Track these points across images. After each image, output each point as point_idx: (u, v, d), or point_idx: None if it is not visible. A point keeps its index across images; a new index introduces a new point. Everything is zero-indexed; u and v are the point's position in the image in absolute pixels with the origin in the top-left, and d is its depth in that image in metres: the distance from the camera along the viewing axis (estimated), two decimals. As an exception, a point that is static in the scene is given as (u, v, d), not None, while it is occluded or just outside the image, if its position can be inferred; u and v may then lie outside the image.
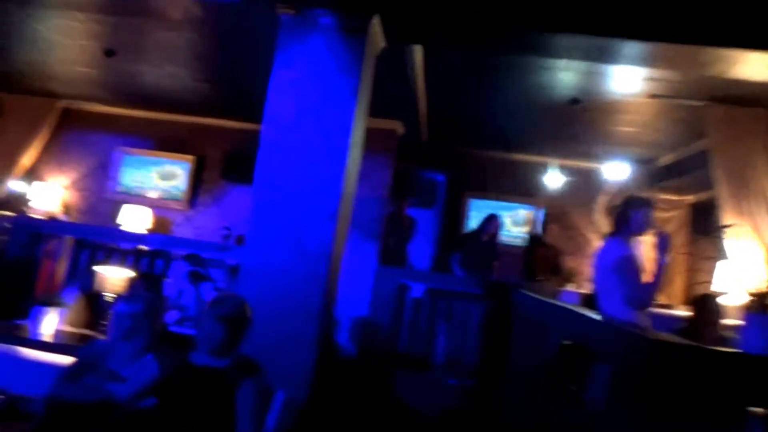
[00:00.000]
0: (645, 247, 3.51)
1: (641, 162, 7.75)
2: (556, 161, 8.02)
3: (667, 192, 7.69)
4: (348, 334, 5.98)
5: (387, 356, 5.86)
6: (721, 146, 4.98)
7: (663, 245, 3.34)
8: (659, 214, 7.63)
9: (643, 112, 5.69)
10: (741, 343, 3.63)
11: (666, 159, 7.35)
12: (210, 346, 2.79)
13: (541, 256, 6.63)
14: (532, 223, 6.75)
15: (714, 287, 5.01)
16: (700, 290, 5.49)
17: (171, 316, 5.11)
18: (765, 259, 4.88)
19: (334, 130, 3.68)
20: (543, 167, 8.15)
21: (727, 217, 4.97)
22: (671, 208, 7.91)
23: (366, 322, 6.04)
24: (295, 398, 3.39)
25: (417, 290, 5.87)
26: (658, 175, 7.56)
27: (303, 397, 3.60)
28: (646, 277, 3.36)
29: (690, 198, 7.79)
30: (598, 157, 7.93)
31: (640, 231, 3.46)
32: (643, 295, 3.30)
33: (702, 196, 7.13)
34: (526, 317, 4.02)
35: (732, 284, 4.96)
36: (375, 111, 6.25)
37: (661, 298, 5.84)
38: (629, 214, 3.49)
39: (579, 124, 6.41)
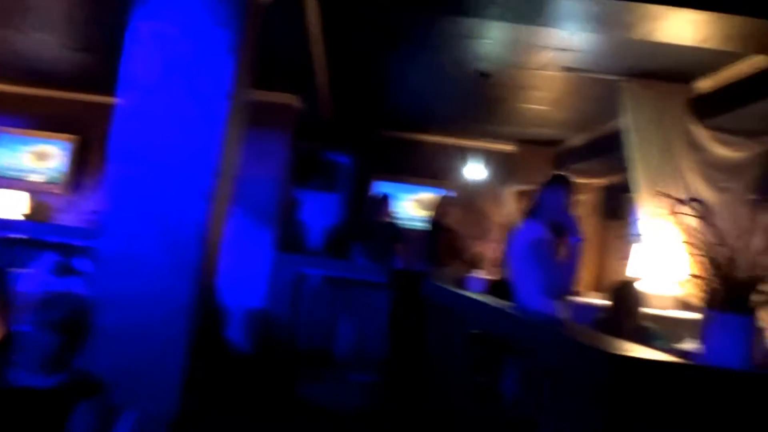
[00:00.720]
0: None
1: (550, 144, 7.58)
2: (467, 142, 7.75)
3: (577, 175, 7.53)
4: (242, 329, 5.41)
5: (287, 351, 5.38)
6: (637, 124, 4.75)
7: (575, 229, 3.03)
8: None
9: (555, 89, 5.41)
10: (704, 348, 3.38)
11: (576, 140, 7.19)
12: (35, 361, 2.20)
13: (445, 241, 6.30)
14: (437, 206, 6.38)
15: (629, 273, 4.83)
16: (613, 277, 5.33)
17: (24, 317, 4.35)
18: (683, 242, 4.71)
19: (208, 94, 3.08)
20: (452, 149, 7.85)
21: (644, 199, 4.76)
22: (581, 191, 7.79)
23: (263, 314, 5.52)
24: (160, 414, 2.86)
25: (316, 279, 5.39)
26: (568, 157, 7.40)
27: (171, 410, 3.02)
28: (562, 262, 3.03)
29: (600, 181, 7.70)
30: (507, 138, 7.72)
31: (557, 213, 3.12)
32: (561, 281, 2.97)
33: (613, 179, 7.02)
34: (437, 308, 3.67)
35: (649, 269, 4.77)
36: (268, 82, 5.74)
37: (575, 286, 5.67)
38: (546, 196, 3.15)
39: (489, 101, 6.08)
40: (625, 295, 3.96)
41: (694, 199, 4.60)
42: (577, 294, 5.28)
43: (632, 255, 4.96)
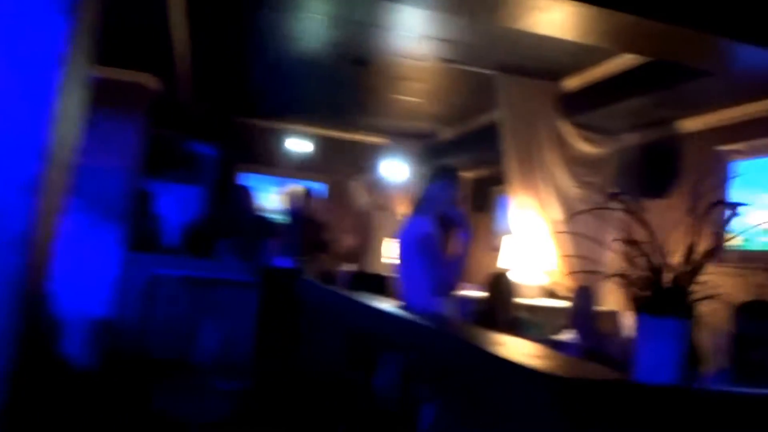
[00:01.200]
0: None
1: (421, 137, 7.53)
2: (340, 134, 7.51)
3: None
4: (82, 341, 4.75)
5: (139, 363, 4.82)
6: (510, 118, 4.74)
7: (463, 222, 2.87)
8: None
9: (430, 81, 5.28)
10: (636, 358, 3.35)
11: (447, 134, 7.17)
12: None
13: (311, 234, 6.02)
14: (300, 198, 6.07)
15: (501, 264, 4.82)
16: (485, 269, 5.34)
17: None
18: (550, 234, 4.77)
19: (32, 59, 2.53)
20: (324, 140, 7.56)
21: (515, 192, 4.75)
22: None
23: (109, 323, 4.89)
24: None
25: (174, 280, 4.88)
26: (438, 151, 7.38)
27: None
28: (450, 257, 2.86)
29: (469, 174, 7.77)
30: (379, 131, 7.57)
31: (443, 207, 2.94)
32: (449, 278, 2.80)
33: (481, 172, 7.08)
34: (313, 306, 3.39)
35: (519, 260, 4.79)
36: (119, 58, 5.10)
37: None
38: (432, 189, 2.96)
39: (363, 91, 5.85)
40: (499, 286, 3.91)
41: (618, 193, 4.80)
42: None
43: (503, 246, 4.96)
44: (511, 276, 4.12)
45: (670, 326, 1.16)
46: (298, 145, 7.35)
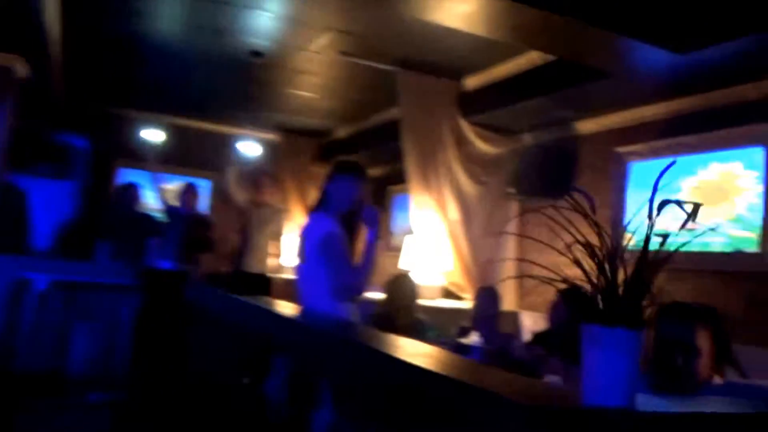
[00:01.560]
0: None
1: (316, 135, 7.35)
2: (229, 129, 7.16)
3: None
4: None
5: (3, 378, 4.28)
6: (411, 116, 4.69)
7: (372, 221, 2.73)
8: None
9: (329, 75, 5.12)
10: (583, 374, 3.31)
11: (343, 132, 7.05)
12: None
13: (194, 233, 5.68)
14: (187, 195, 5.70)
15: (402, 265, 4.75)
16: (384, 270, 5.24)
17: None
18: (448, 234, 4.76)
19: None
20: (213, 135, 7.18)
21: (415, 191, 4.71)
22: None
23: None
24: None
25: (43, 284, 4.38)
26: (334, 149, 7.24)
27: None
28: (356, 259, 2.70)
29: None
30: (272, 127, 7.31)
31: (347, 204, 2.78)
32: (354, 281, 2.64)
33: (378, 171, 7.01)
34: (203, 311, 3.12)
35: (419, 261, 4.74)
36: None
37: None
38: (335, 185, 2.79)
39: (256, 84, 5.58)
40: (400, 288, 3.81)
41: (515, 193, 4.76)
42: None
43: (405, 247, 4.90)
44: (413, 277, 4.05)
45: (623, 337, 1.07)
46: (177, 139, 6.86)
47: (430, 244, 4.74)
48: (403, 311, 3.79)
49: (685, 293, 3.58)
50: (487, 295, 3.91)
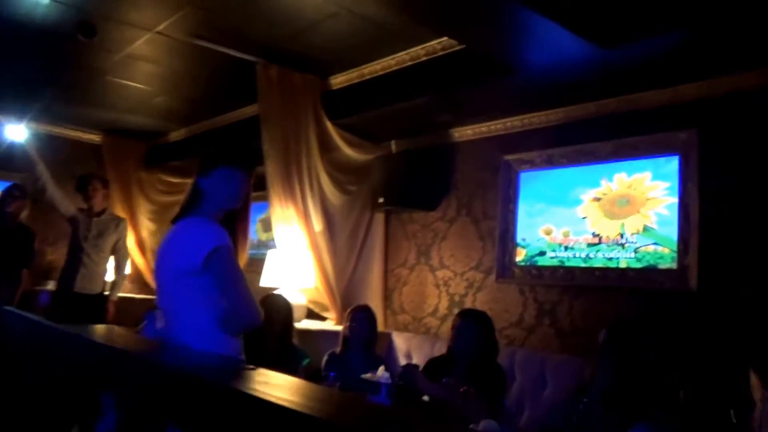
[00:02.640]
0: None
1: (144, 136, 6.45)
2: (44, 126, 6.02)
3: (174, 174, 6.58)
4: None
5: None
6: (272, 115, 4.13)
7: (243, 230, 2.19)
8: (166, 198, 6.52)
9: (170, 64, 4.38)
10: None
11: (179, 134, 6.24)
12: None
13: (9, 245, 4.62)
14: (9, 200, 4.60)
15: (264, 282, 4.14)
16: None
17: None
18: (309, 246, 4.27)
19: None
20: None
21: (276, 199, 4.16)
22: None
23: None
24: None
25: None
26: (166, 153, 6.40)
27: None
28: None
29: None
30: (93, 126, 6.31)
31: (229, 204, 2.21)
32: (249, 309, 2.07)
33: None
34: (15, 343, 2.42)
35: (284, 278, 4.19)
36: None
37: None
38: (212, 182, 2.19)
39: (77, 70, 4.66)
40: (271, 310, 3.24)
41: (384, 203, 4.21)
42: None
43: (268, 262, 4.31)
44: (285, 296, 3.52)
45: None
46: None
47: (293, 258, 4.22)
48: (276, 337, 3.26)
49: (589, 312, 3.52)
50: (363, 316, 3.51)
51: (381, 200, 4.45)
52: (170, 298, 2.15)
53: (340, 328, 3.66)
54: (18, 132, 4.22)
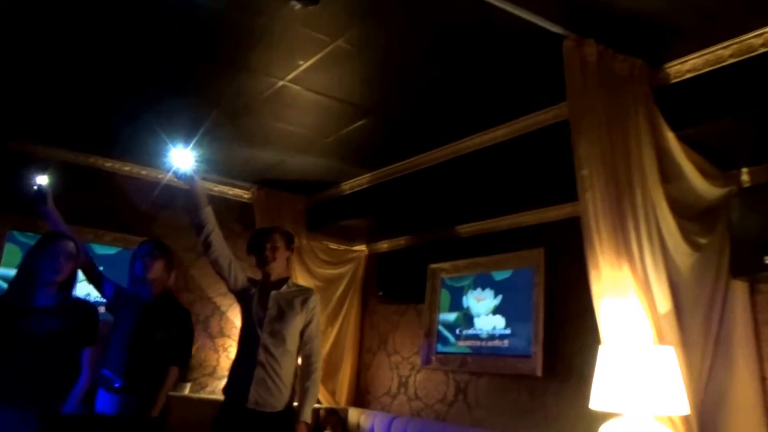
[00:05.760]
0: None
1: (310, 190, 5.07)
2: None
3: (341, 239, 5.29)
4: None
5: None
6: (589, 119, 2.49)
7: None
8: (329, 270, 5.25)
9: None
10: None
11: (359, 183, 4.78)
12: None
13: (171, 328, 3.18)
14: (147, 260, 3.19)
15: (598, 403, 2.44)
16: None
17: None
18: (655, 338, 2.50)
19: None
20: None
21: (599, 256, 2.47)
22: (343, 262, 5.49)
23: None
24: None
25: None
26: (336, 210, 5.00)
27: None
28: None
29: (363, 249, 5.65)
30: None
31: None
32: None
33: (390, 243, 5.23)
34: None
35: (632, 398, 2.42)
36: None
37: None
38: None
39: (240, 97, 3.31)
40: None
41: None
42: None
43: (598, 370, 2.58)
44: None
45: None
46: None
47: (639, 360, 2.44)
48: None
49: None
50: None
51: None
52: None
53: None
54: (184, 158, 2.83)
